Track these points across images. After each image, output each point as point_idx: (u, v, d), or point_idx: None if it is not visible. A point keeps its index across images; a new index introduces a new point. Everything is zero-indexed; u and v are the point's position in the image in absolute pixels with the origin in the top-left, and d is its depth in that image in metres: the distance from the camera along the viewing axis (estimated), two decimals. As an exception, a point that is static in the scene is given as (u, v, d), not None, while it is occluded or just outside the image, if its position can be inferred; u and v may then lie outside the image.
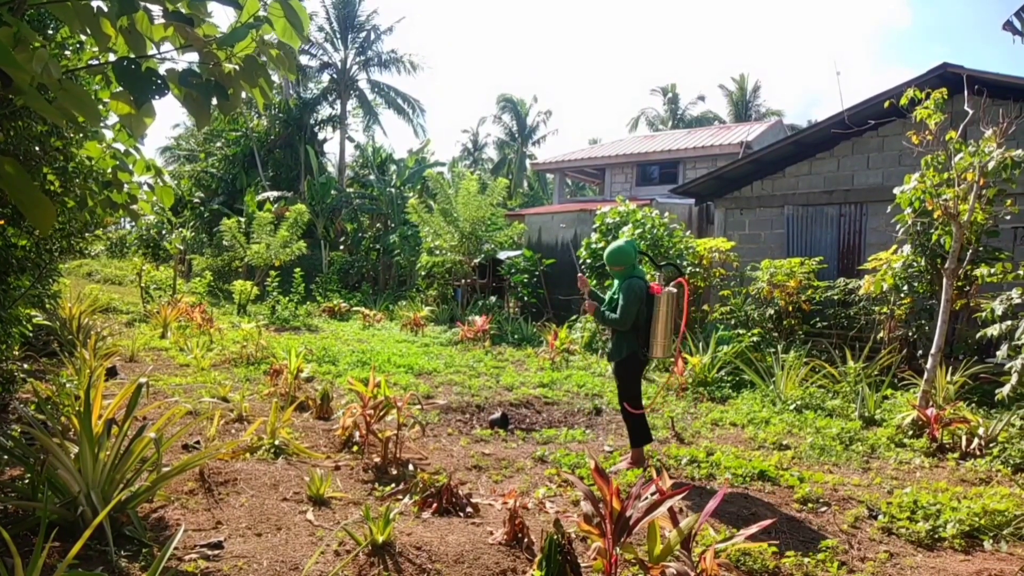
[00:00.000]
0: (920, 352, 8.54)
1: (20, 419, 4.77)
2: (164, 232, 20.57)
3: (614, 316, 5.16)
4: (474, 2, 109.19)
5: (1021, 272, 6.07)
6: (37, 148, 3.69)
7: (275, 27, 2.57)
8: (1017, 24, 2.99)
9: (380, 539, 3.31)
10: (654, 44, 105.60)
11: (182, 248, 22.14)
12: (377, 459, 4.92)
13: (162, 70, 2.39)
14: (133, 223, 19.16)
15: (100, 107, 3.31)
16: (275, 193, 24.77)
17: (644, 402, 7.48)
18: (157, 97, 2.32)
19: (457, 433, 6.13)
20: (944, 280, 6.65)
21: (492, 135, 48.58)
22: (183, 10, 2.32)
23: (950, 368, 7.50)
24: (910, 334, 8.68)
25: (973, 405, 6.97)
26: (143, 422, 5.04)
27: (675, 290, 5.15)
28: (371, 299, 19.66)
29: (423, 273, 18.40)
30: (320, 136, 30.87)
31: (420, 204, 17.15)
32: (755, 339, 9.43)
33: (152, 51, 2.50)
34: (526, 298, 15.46)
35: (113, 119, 3.69)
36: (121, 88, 2.37)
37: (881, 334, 9.04)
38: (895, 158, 11.06)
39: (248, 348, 8.94)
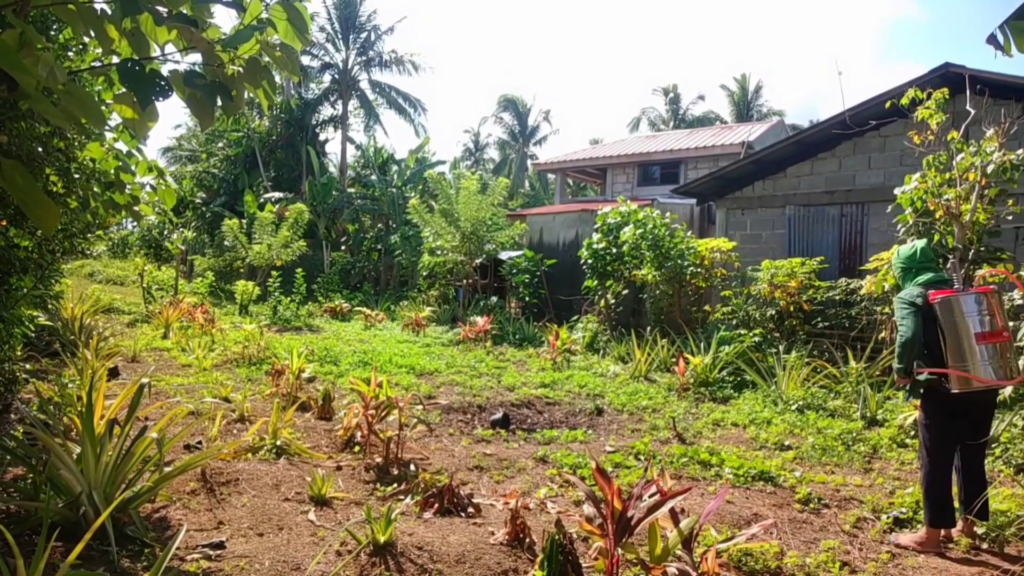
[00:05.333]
0: (922, 352, 8.51)
1: (22, 419, 4.78)
2: (166, 232, 20.59)
3: (894, 361, 4.06)
4: (474, 2, 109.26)
5: (1023, 273, 6.06)
6: (40, 149, 3.69)
7: (278, 29, 2.58)
8: (1000, 38, 2.96)
9: (382, 539, 3.32)
10: (655, 44, 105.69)
11: (184, 248, 22.16)
12: (379, 459, 4.92)
13: (165, 72, 2.40)
14: (135, 223, 19.20)
15: (103, 108, 3.31)
16: (277, 194, 24.81)
17: (641, 401, 7.52)
18: (161, 99, 2.32)
19: (459, 433, 6.14)
20: (946, 280, 6.63)
21: (493, 135, 48.66)
22: (187, 12, 2.33)
23: (952, 368, 7.49)
24: (912, 334, 8.66)
25: (975, 405, 6.95)
26: (145, 422, 5.05)
27: (971, 294, 3.81)
28: (373, 299, 19.68)
29: (424, 273, 18.41)
30: (321, 136, 30.92)
31: (421, 204, 17.16)
32: (757, 339, 9.42)
33: (155, 53, 2.50)
34: (527, 298, 15.47)
35: (116, 120, 3.70)
36: (125, 90, 2.38)
37: (883, 334, 9.02)
38: (897, 158, 11.05)
39: (250, 348, 8.95)
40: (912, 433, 6.17)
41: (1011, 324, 5.44)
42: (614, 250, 12.51)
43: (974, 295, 3.79)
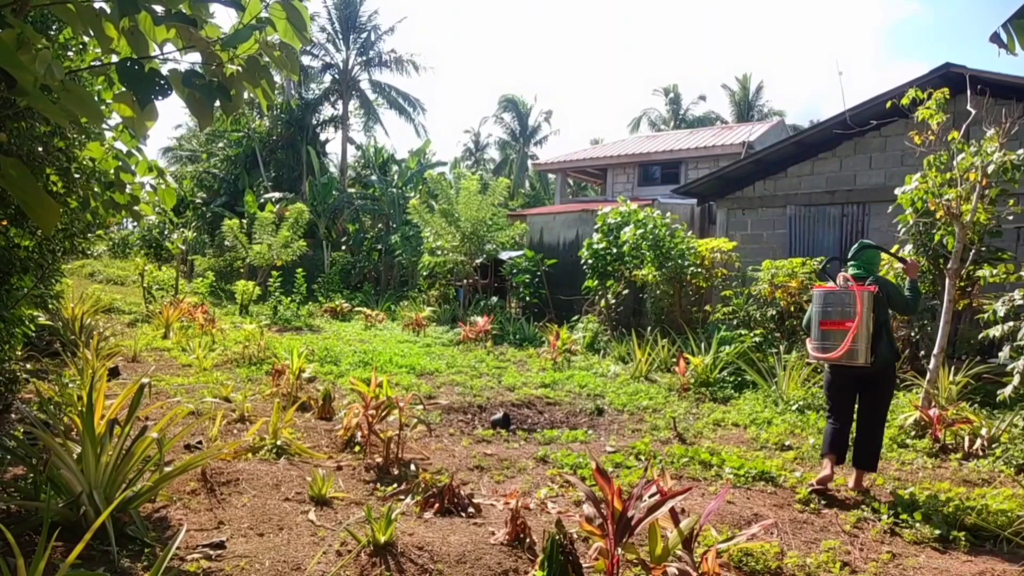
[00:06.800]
0: (923, 352, 8.51)
1: (23, 419, 4.78)
2: (166, 232, 20.60)
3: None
4: (475, 2, 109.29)
5: (1022, 273, 6.06)
6: (40, 149, 3.69)
7: (277, 28, 2.58)
8: (1003, 36, 2.97)
9: (382, 539, 3.32)
10: (656, 44, 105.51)
11: (184, 248, 22.16)
12: (379, 459, 4.92)
13: (164, 71, 2.40)
14: (135, 223, 19.21)
15: (103, 108, 3.31)
16: (277, 194, 24.82)
17: (641, 401, 7.51)
18: (160, 98, 2.32)
19: (459, 433, 6.13)
20: (946, 280, 6.63)
21: (494, 135, 48.59)
22: (185, 11, 2.33)
23: (952, 368, 7.49)
24: (912, 334, 8.66)
25: (976, 405, 6.95)
26: (145, 422, 5.05)
27: (826, 290, 4.88)
28: (373, 299, 19.69)
29: (425, 273, 18.42)
30: (322, 137, 30.91)
31: (421, 204, 17.17)
32: (757, 339, 9.42)
33: (155, 52, 2.50)
34: (528, 298, 15.47)
35: (116, 119, 3.69)
36: (124, 89, 2.37)
37: (883, 334, 9.01)
38: (897, 158, 11.04)
39: (250, 348, 8.95)
40: (912, 433, 6.18)
41: (1012, 324, 5.44)
42: (614, 250, 12.51)
43: (828, 291, 4.84)
